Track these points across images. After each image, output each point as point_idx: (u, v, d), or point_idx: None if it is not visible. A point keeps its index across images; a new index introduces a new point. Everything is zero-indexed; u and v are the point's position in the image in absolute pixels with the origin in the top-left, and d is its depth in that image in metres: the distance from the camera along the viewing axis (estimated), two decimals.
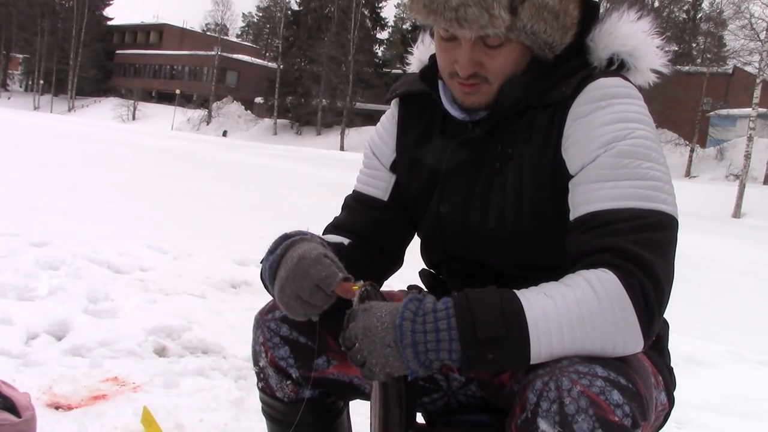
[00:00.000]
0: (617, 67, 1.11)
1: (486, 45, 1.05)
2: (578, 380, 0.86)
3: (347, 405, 1.36)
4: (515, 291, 0.93)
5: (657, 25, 1.14)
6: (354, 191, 1.31)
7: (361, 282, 1.02)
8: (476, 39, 1.04)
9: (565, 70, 1.08)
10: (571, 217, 1.02)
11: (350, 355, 0.96)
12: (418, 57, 1.29)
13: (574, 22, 1.08)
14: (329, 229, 1.30)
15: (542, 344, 0.89)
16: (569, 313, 0.90)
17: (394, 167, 1.28)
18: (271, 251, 1.11)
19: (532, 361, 0.90)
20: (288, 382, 1.23)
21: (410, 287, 1.17)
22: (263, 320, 1.23)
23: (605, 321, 0.89)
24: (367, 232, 1.26)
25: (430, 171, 1.20)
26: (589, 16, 1.10)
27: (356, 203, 1.29)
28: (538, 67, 1.09)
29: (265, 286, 1.13)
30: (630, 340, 0.90)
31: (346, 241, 1.24)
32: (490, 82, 1.08)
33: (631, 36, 1.11)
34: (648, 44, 1.12)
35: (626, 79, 1.09)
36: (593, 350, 0.90)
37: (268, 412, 1.30)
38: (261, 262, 1.14)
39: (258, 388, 1.29)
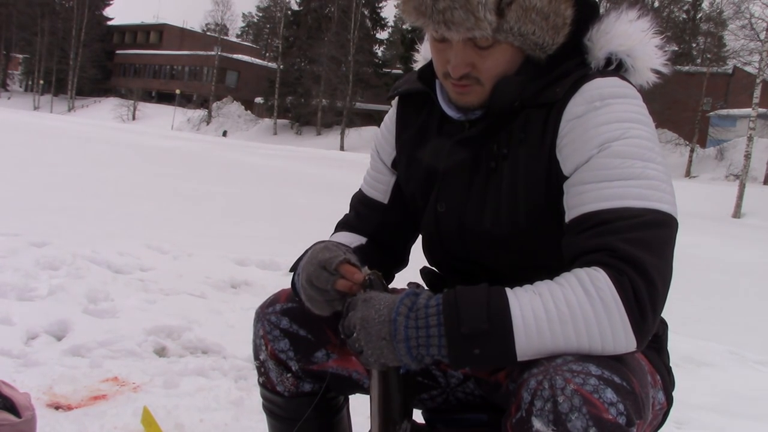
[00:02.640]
0: (615, 66, 1.10)
1: (476, 46, 1.05)
2: (572, 378, 0.87)
3: (347, 401, 1.38)
4: (506, 288, 0.94)
5: (656, 25, 1.13)
6: (359, 191, 1.36)
7: (366, 269, 1.05)
8: (466, 40, 1.05)
9: (561, 70, 1.08)
10: (566, 219, 1.03)
11: (348, 342, 0.99)
12: (423, 55, 1.30)
13: (566, 22, 1.07)
14: (341, 226, 1.35)
15: (528, 340, 0.90)
16: (557, 310, 0.90)
17: (395, 165, 1.30)
18: (299, 261, 1.17)
19: (520, 358, 0.91)
20: (288, 375, 1.26)
21: (410, 284, 1.19)
22: (263, 313, 1.26)
23: (593, 319, 0.89)
24: (370, 232, 1.30)
25: (428, 169, 1.21)
26: (586, 16, 1.10)
27: (360, 204, 1.34)
28: (533, 67, 1.09)
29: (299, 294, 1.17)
30: (620, 339, 0.90)
31: (355, 242, 1.28)
32: (482, 83, 1.08)
33: (629, 35, 1.10)
34: (646, 44, 1.11)
35: (624, 78, 1.09)
36: (581, 348, 0.90)
37: (269, 407, 1.32)
38: (291, 271, 1.20)
39: (259, 383, 1.31)
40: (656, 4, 37.01)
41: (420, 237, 1.31)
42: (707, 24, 40.09)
